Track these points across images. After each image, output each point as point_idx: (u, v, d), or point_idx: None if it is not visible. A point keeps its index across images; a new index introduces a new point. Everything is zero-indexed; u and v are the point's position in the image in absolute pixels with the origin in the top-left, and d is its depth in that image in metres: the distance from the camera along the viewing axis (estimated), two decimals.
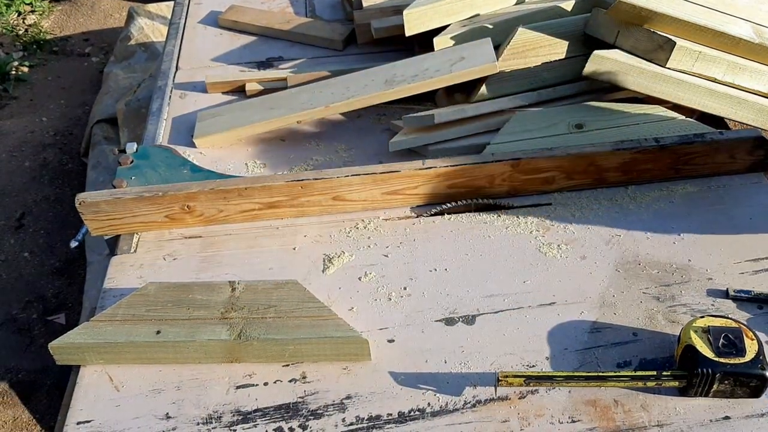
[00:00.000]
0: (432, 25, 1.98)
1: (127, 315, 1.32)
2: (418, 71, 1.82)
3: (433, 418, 1.21)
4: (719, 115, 1.72)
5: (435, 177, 1.58)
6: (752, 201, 1.60)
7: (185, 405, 1.25)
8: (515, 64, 1.81)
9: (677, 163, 1.63)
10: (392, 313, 1.40)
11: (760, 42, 1.66)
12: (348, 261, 1.52)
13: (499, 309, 1.39)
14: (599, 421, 1.19)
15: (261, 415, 1.23)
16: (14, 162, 3.46)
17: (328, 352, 1.29)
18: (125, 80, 3.52)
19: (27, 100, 4.00)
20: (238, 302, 1.34)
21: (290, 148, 1.88)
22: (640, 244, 1.51)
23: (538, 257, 1.50)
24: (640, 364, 1.28)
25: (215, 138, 1.87)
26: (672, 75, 1.67)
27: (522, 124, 1.73)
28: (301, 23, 2.35)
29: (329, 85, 1.91)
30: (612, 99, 1.82)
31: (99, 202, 1.54)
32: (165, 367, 1.32)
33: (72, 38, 4.58)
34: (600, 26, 1.78)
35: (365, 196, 1.61)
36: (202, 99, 2.07)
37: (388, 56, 2.11)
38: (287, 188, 1.57)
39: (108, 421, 1.24)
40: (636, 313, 1.37)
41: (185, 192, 1.56)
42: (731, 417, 1.19)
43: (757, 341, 1.19)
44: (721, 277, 1.43)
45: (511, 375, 1.20)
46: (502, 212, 1.61)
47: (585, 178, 1.64)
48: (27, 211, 3.20)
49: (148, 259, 1.55)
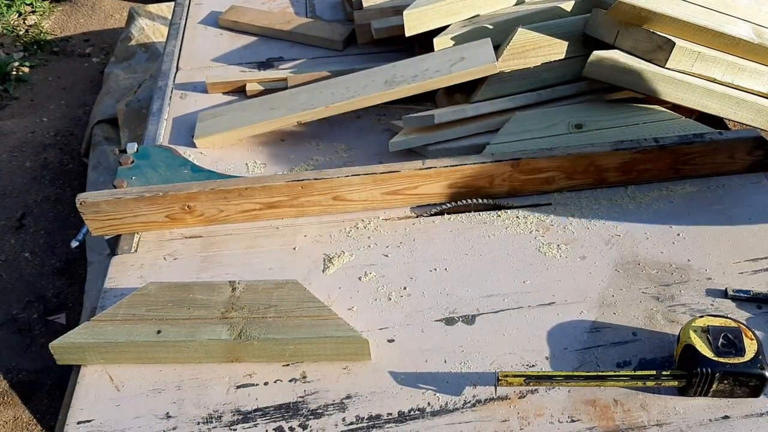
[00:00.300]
0: (432, 25, 1.98)
1: (128, 315, 1.33)
2: (418, 71, 1.82)
3: (433, 418, 1.21)
4: (718, 115, 1.72)
5: (435, 177, 1.59)
6: (751, 201, 1.61)
7: (185, 405, 1.26)
8: (515, 65, 1.82)
9: (677, 163, 1.63)
10: (392, 312, 1.40)
11: (759, 42, 1.67)
12: (348, 261, 1.52)
13: (499, 309, 1.40)
14: (599, 420, 1.20)
15: (261, 415, 1.23)
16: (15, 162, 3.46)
17: (328, 352, 1.30)
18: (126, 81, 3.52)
19: (27, 100, 4.00)
20: (238, 302, 1.34)
21: (290, 148, 1.88)
22: (640, 244, 1.52)
23: (537, 257, 1.50)
24: (639, 364, 1.28)
25: (216, 138, 1.87)
26: (671, 75, 1.67)
27: (522, 125, 1.73)
28: (301, 23, 2.36)
29: (329, 86, 1.91)
30: (612, 99, 1.82)
31: (100, 202, 1.55)
32: (165, 366, 1.32)
33: (72, 39, 4.58)
34: (599, 26, 1.78)
35: (365, 196, 1.61)
36: (203, 99, 2.07)
37: (388, 56, 2.11)
38: (287, 188, 1.58)
39: (108, 421, 1.24)
40: (635, 312, 1.37)
41: (186, 192, 1.56)
42: (731, 416, 1.19)
43: (757, 341, 1.19)
44: (721, 276, 1.43)
45: (510, 375, 1.20)
46: (502, 212, 1.61)
47: (585, 178, 1.64)
48: (27, 212, 3.21)
49: (148, 258, 1.55)
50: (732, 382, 1.17)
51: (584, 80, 1.78)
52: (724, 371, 1.16)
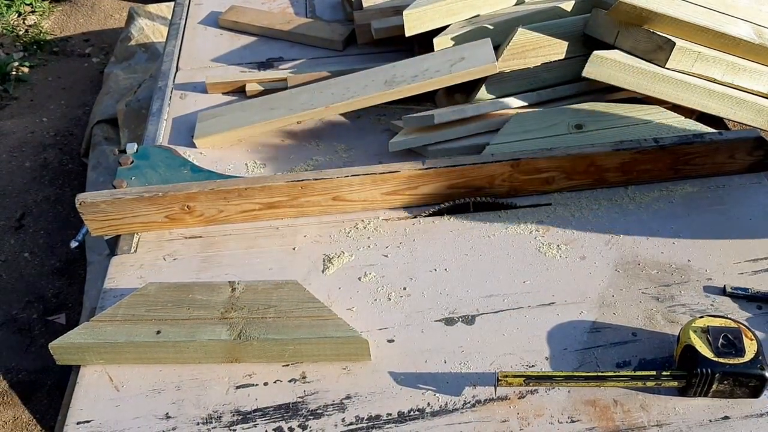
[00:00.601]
0: (432, 25, 1.98)
1: (128, 315, 1.32)
2: (418, 71, 1.82)
3: (433, 418, 1.21)
4: (718, 115, 1.72)
5: (435, 177, 1.59)
6: (752, 201, 1.61)
7: (185, 405, 1.26)
8: (515, 65, 1.82)
9: (677, 163, 1.63)
10: (392, 313, 1.40)
11: (760, 43, 1.67)
12: (348, 261, 1.52)
13: (499, 309, 1.40)
14: (598, 421, 1.19)
15: (261, 415, 1.23)
16: (14, 162, 3.46)
17: (328, 352, 1.30)
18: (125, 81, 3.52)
19: (27, 100, 4.00)
20: (238, 302, 1.34)
21: (290, 148, 1.88)
22: (640, 244, 1.51)
23: (537, 257, 1.50)
24: (639, 364, 1.28)
25: (215, 138, 1.87)
26: (671, 75, 1.67)
27: (522, 125, 1.73)
28: (301, 24, 2.36)
29: (329, 86, 1.91)
30: (612, 99, 1.82)
31: (99, 202, 1.54)
32: (165, 367, 1.32)
33: (72, 39, 4.58)
34: (600, 27, 1.78)
35: (365, 196, 1.61)
36: (202, 99, 2.07)
37: (388, 56, 2.11)
38: (287, 188, 1.58)
39: (108, 421, 1.24)
40: (635, 313, 1.37)
41: (185, 192, 1.56)
42: (730, 417, 1.19)
43: (757, 341, 1.19)
44: (721, 277, 1.43)
45: (510, 375, 1.20)
46: (502, 212, 1.61)
47: (585, 179, 1.64)
48: (27, 212, 3.21)
49: (148, 259, 1.55)
50: (732, 383, 1.17)
51: (584, 80, 1.78)
52: (724, 372, 1.16)
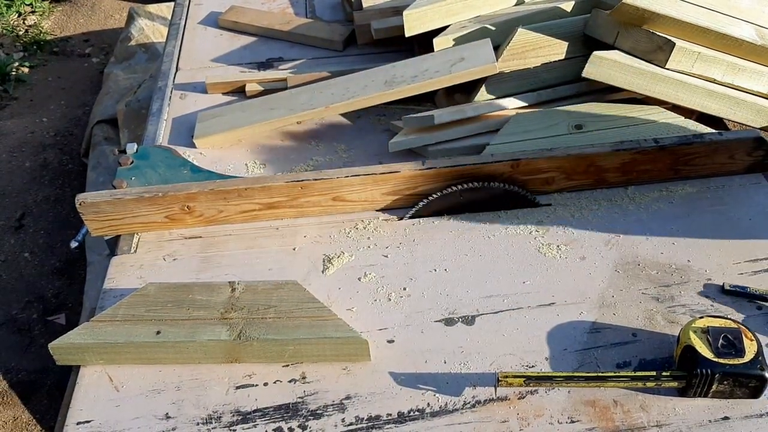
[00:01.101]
0: (432, 25, 1.98)
1: (127, 315, 1.32)
2: (417, 72, 1.82)
3: (433, 419, 1.21)
4: (718, 115, 1.72)
5: (435, 177, 1.59)
6: (751, 201, 1.61)
7: (185, 405, 1.26)
8: (515, 65, 1.82)
9: (677, 163, 1.63)
10: (392, 313, 1.40)
11: (762, 44, 1.66)
12: (348, 261, 1.52)
13: (499, 309, 1.40)
14: (598, 421, 1.19)
15: (261, 416, 1.23)
16: (14, 162, 3.46)
17: (327, 353, 1.30)
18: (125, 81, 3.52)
19: (27, 100, 4.00)
20: (238, 302, 1.34)
21: (290, 148, 1.88)
22: (640, 244, 1.51)
23: (537, 257, 1.50)
24: (639, 365, 1.28)
25: (215, 138, 1.87)
26: (671, 76, 1.67)
27: (522, 125, 1.73)
28: (301, 24, 2.36)
29: (329, 86, 1.91)
30: (611, 99, 1.82)
31: (99, 202, 1.54)
32: (165, 367, 1.32)
33: (72, 39, 4.58)
34: (599, 27, 1.78)
35: (365, 196, 1.61)
36: (202, 99, 2.07)
37: (388, 57, 2.11)
38: (287, 189, 1.58)
39: (108, 421, 1.24)
40: (635, 313, 1.37)
41: (185, 192, 1.56)
42: (730, 417, 1.19)
43: (757, 342, 1.19)
44: (721, 277, 1.43)
45: (510, 375, 1.20)
46: (502, 212, 1.61)
47: (585, 179, 1.64)
48: (27, 212, 3.21)
49: (148, 259, 1.55)
50: (732, 383, 1.17)
51: (584, 80, 1.78)
52: (724, 372, 1.16)
